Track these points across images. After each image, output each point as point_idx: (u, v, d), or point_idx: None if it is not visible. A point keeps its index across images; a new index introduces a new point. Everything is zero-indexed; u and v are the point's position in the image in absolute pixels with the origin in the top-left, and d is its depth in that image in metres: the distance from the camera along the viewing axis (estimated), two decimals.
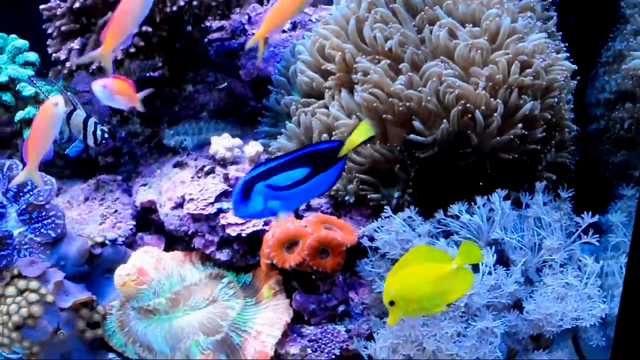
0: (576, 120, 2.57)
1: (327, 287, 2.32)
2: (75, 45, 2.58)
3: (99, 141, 2.51)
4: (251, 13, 3.12)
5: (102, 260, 2.49)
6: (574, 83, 2.48)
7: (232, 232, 2.40)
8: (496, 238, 2.18)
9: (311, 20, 3.07)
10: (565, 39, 2.58)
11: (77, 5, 2.55)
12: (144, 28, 2.53)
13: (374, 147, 2.39)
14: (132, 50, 2.56)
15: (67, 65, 2.59)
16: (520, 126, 2.26)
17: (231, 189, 2.47)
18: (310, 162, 1.84)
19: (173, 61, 2.86)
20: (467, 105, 2.24)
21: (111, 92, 2.19)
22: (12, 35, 2.90)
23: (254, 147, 2.54)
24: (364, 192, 2.43)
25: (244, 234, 2.40)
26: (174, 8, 2.55)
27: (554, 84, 2.35)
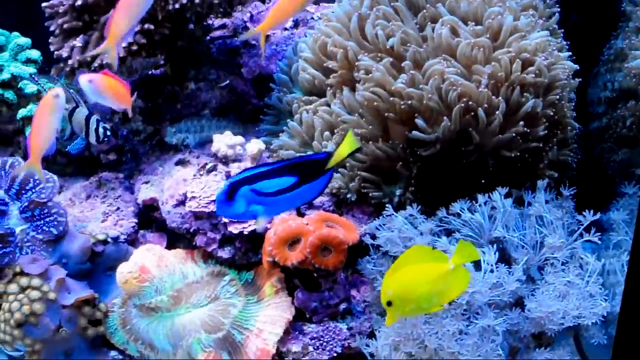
0: (578, 118, 2.57)
1: (329, 285, 2.32)
2: (78, 42, 2.58)
3: (101, 139, 2.51)
4: (253, 11, 3.12)
5: (104, 258, 2.49)
6: (576, 81, 2.48)
7: (234, 229, 2.40)
8: (498, 236, 2.18)
9: (313, 17, 3.07)
10: (567, 37, 2.58)
11: (79, 3, 2.55)
12: (146, 26, 2.53)
13: (376, 144, 2.39)
14: (134, 48, 2.56)
15: (70, 62, 2.59)
16: (522, 124, 2.27)
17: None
18: (297, 171, 1.89)
19: (175, 59, 2.86)
20: (470, 103, 2.24)
21: (97, 87, 2.18)
22: (15, 33, 2.90)
23: (256, 145, 2.54)
24: (366, 190, 2.43)
25: (245, 232, 2.40)
26: (177, 6, 2.55)
27: (556, 82, 2.35)
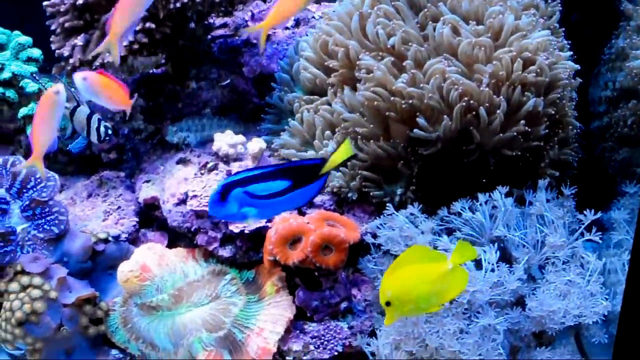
0: (579, 117, 2.57)
1: (330, 284, 2.32)
2: (79, 41, 2.58)
3: (103, 137, 2.51)
4: (254, 10, 3.12)
5: (105, 257, 2.49)
6: (577, 81, 2.48)
7: (235, 228, 2.40)
8: (499, 235, 2.19)
9: (314, 17, 3.07)
10: (568, 37, 2.58)
11: (80, 2, 2.55)
12: (148, 24, 2.53)
13: (377, 143, 2.39)
14: (135, 46, 2.56)
15: (71, 61, 2.59)
16: (524, 123, 2.27)
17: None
18: (291, 176, 1.91)
19: (176, 58, 2.86)
20: (471, 102, 2.24)
21: (92, 85, 2.17)
22: (16, 32, 2.90)
23: (257, 144, 2.54)
24: (367, 189, 2.43)
25: (246, 231, 2.40)
26: (178, 5, 2.55)
27: (557, 82, 2.36)
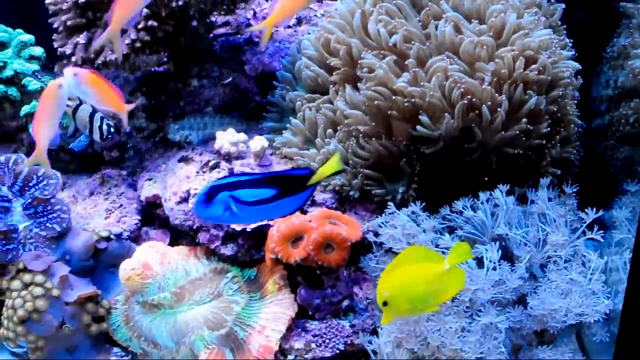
0: (581, 116, 2.57)
1: (332, 282, 2.32)
2: (81, 39, 2.58)
3: (105, 136, 2.52)
4: (256, 8, 3.12)
5: (107, 255, 2.50)
6: (579, 80, 2.48)
7: (236, 226, 2.40)
8: (501, 234, 2.19)
9: (316, 15, 3.07)
10: (570, 35, 2.58)
11: (82, 0, 2.56)
12: (150, 22, 2.53)
13: (379, 141, 2.39)
14: (137, 45, 2.56)
15: (73, 59, 2.59)
16: (525, 121, 2.27)
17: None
18: (278, 184, 1.93)
19: (178, 56, 2.86)
20: (473, 100, 2.24)
21: (82, 82, 2.15)
22: (18, 30, 2.91)
23: (259, 142, 2.54)
24: (369, 188, 2.43)
25: (248, 229, 2.40)
26: (180, 3, 2.55)
27: (559, 80, 2.36)
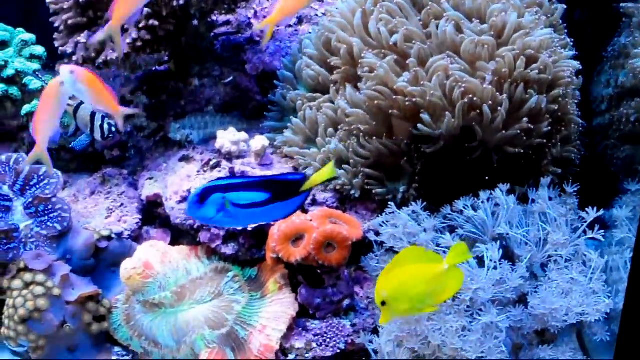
0: (581, 115, 2.56)
1: (333, 281, 2.32)
2: (82, 38, 2.58)
3: (106, 135, 2.52)
4: (257, 7, 3.12)
5: (108, 254, 2.50)
6: (580, 79, 2.48)
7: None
8: (501, 233, 2.19)
9: (317, 14, 3.07)
10: (571, 34, 2.58)
11: None
12: (151, 22, 2.53)
13: (380, 140, 2.39)
14: (138, 44, 2.56)
15: (74, 58, 2.60)
16: (526, 120, 2.27)
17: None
18: (271, 188, 1.95)
19: (179, 55, 2.86)
20: (474, 99, 2.24)
21: (78, 80, 2.14)
22: (19, 29, 2.91)
23: (260, 141, 2.55)
24: (370, 187, 2.43)
25: (249, 228, 2.40)
26: (181, 2, 2.55)
27: (559, 79, 2.36)
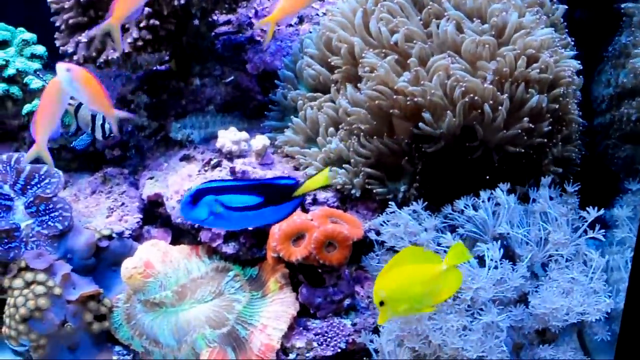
0: (582, 114, 2.57)
1: (334, 280, 2.32)
2: (83, 38, 2.59)
3: (107, 134, 2.52)
4: (258, 7, 3.12)
5: (109, 253, 2.50)
6: (580, 79, 2.48)
7: None
8: (502, 232, 2.19)
9: (318, 14, 3.07)
10: (571, 34, 2.58)
11: None
12: (152, 21, 2.53)
13: (381, 140, 2.39)
14: (139, 43, 2.56)
15: (75, 58, 2.59)
16: (527, 120, 2.27)
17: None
18: (264, 193, 1.96)
19: (180, 54, 2.86)
20: (476, 98, 2.24)
21: (74, 78, 2.14)
22: (20, 28, 2.91)
23: (261, 141, 2.55)
24: (370, 186, 2.43)
25: (250, 227, 2.40)
26: (182, 1, 2.55)
27: (560, 79, 2.36)
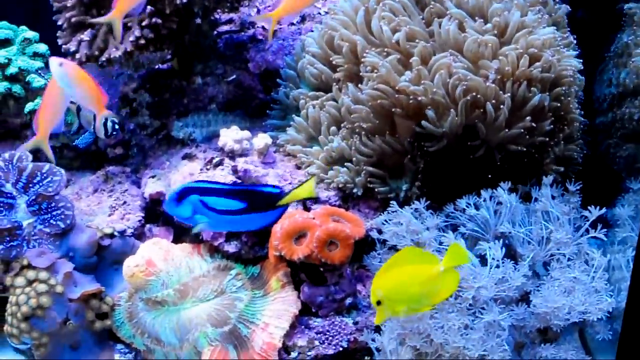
0: (584, 113, 2.57)
1: (335, 279, 2.32)
2: (85, 36, 2.59)
3: (110, 132, 2.52)
4: (260, 6, 3.12)
5: (110, 252, 2.50)
6: (582, 78, 2.48)
7: None
8: (504, 231, 2.19)
9: (320, 12, 3.07)
10: (574, 33, 2.58)
11: None
12: (154, 20, 2.53)
13: (383, 138, 2.39)
14: (141, 42, 2.56)
15: (77, 56, 2.60)
16: (529, 118, 2.27)
17: (240, 182, 2.48)
18: (248, 199, 2.03)
19: (182, 53, 2.87)
20: (478, 96, 2.25)
21: (67, 73, 2.14)
22: (22, 27, 2.91)
23: (263, 140, 2.55)
24: (372, 185, 2.43)
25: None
26: (184, 0, 2.55)
27: (562, 78, 2.36)
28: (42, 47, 2.86)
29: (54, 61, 2.14)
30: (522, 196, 2.28)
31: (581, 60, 2.44)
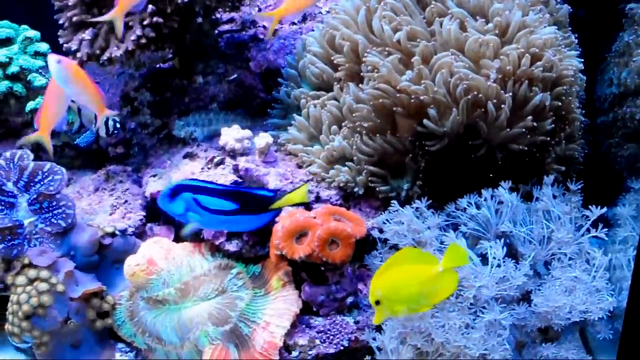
0: (585, 113, 2.57)
1: (336, 278, 2.32)
2: (87, 35, 2.59)
3: (111, 131, 2.52)
4: (261, 5, 3.13)
5: (111, 251, 2.50)
6: (583, 78, 2.48)
7: None
8: (505, 231, 2.19)
9: (321, 12, 3.08)
10: (574, 33, 2.58)
11: None
12: (155, 19, 2.53)
13: (384, 138, 2.39)
14: (142, 41, 2.56)
15: (79, 55, 2.60)
16: (530, 118, 2.27)
17: (241, 180, 2.49)
18: (240, 200, 2.06)
19: (183, 52, 2.87)
20: (479, 95, 2.25)
21: (64, 70, 2.14)
22: (24, 26, 2.91)
23: (264, 139, 2.55)
24: (373, 184, 2.43)
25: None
26: None
27: (563, 78, 2.36)
28: (44, 46, 2.86)
29: (52, 58, 2.15)
30: (523, 195, 2.28)
31: (582, 60, 2.45)
